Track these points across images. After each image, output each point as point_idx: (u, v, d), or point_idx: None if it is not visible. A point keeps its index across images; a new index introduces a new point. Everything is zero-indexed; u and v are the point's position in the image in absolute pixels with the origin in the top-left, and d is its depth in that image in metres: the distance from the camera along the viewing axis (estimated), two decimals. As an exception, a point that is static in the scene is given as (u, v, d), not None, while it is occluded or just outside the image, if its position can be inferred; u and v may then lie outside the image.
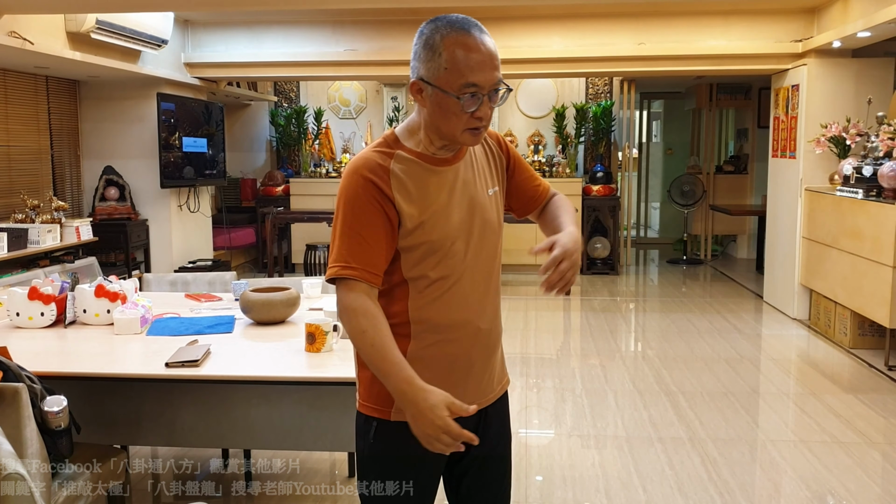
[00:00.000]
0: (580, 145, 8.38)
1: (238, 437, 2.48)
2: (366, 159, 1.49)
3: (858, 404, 4.05)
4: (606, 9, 6.08)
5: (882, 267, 4.58)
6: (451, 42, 1.42)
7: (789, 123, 6.07)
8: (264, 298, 2.72)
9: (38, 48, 4.65)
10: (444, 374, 1.53)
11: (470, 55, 1.42)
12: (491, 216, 1.58)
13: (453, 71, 1.42)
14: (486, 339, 1.58)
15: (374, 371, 1.45)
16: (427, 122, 1.50)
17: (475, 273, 1.54)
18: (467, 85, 1.42)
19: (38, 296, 2.73)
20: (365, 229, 1.45)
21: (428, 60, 1.44)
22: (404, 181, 1.48)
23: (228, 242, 7.71)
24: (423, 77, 1.46)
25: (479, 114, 1.45)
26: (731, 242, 9.53)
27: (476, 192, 1.56)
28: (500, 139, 1.69)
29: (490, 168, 1.63)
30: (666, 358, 4.96)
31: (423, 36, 1.47)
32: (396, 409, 1.51)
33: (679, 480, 3.13)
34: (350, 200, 1.47)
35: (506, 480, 1.71)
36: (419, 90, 1.48)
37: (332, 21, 6.41)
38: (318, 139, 8.60)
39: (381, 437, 1.56)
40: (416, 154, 1.51)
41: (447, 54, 1.42)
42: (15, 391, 1.93)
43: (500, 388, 1.67)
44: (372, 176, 1.47)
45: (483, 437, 1.60)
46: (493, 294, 1.61)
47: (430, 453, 1.53)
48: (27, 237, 5.02)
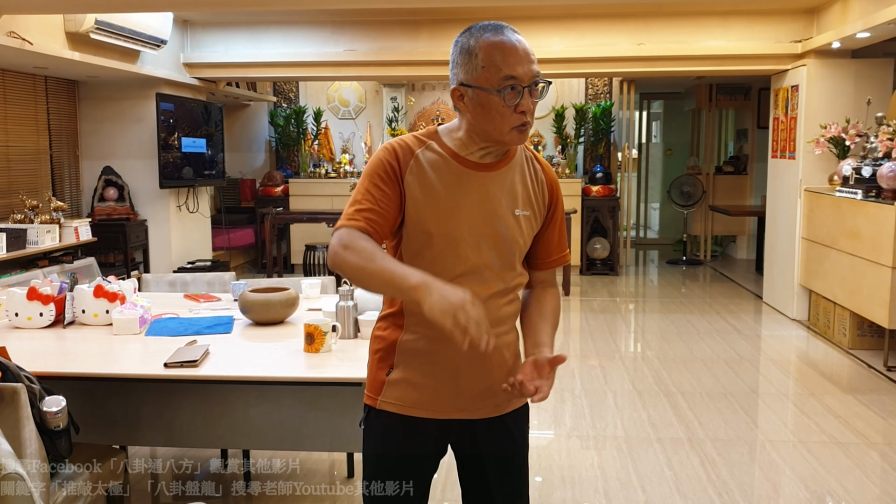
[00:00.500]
0: (580, 146, 8.38)
1: (237, 437, 2.48)
2: (400, 139, 1.55)
3: (857, 405, 4.05)
4: (606, 9, 6.08)
5: (881, 267, 4.58)
6: (486, 43, 1.46)
7: (789, 124, 6.07)
8: (263, 299, 2.72)
9: (37, 48, 4.65)
10: (431, 371, 1.54)
11: (505, 51, 1.45)
12: (510, 233, 1.54)
13: (490, 67, 1.45)
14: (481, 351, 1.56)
15: (381, 284, 1.39)
16: (470, 127, 1.51)
17: (478, 281, 1.52)
18: (506, 78, 1.44)
19: (36, 296, 2.72)
20: (377, 193, 1.49)
21: (465, 64, 1.47)
22: (424, 170, 1.51)
23: (227, 243, 7.71)
24: (462, 81, 1.48)
25: (522, 107, 1.46)
26: (730, 243, 9.53)
27: (499, 205, 1.53)
28: (555, 182, 1.66)
29: (531, 194, 1.59)
30: (665, 358, 4.96)
31: (459, 44, 1.50)
32: (384, 397, 1.56)
33: (678, 481, 3.13)
34: (371, 168, 1.52)
35: (519, 491, 1.67)
36: (460, 96, 1.50)
37: (332, 21, 6.41)
38: (317, 139, 8.60)
39: (369, 425, 1.60)
40: (449, 151, 1.53)
41: (483, 54, 1.45)
42: (14, 391, 1.93)
43: (507, 404, 1.61)
44: (398, 150, 1.52)
45: (484, 445, 1.60)
46: (500, 307, 1.56)
47: (414, 448, 1.56)
48: (26, 237, 5.02)
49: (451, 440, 1.62)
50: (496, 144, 1.52)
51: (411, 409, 1.55)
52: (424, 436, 1.57)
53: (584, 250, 8.08)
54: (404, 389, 1.55)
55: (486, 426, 1.60)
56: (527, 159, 1.62)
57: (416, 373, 1.54)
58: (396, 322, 1.56)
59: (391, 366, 1.56)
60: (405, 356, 1.55)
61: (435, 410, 1.56)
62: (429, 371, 1.54)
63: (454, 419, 1.57)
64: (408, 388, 1.55)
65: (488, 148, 1.53)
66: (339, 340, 2.45)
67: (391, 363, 1.56)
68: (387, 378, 1.56)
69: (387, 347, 1.57)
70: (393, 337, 1.56)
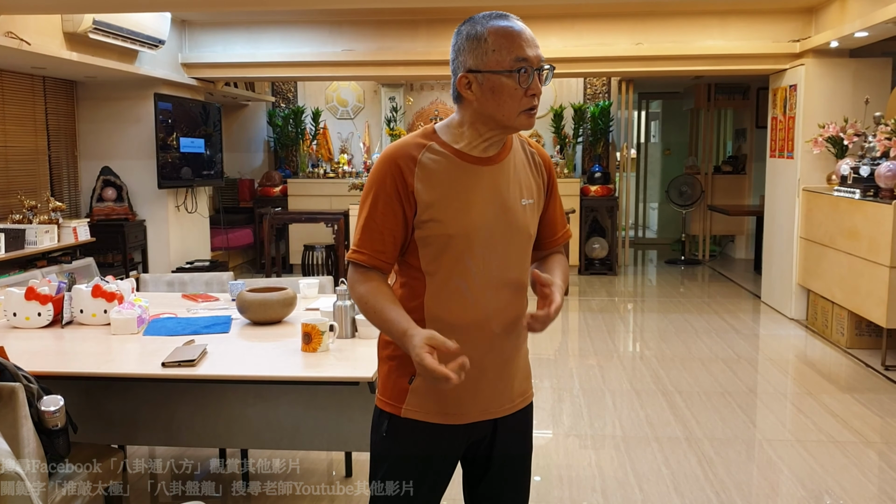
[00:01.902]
0: (578, 145, 8.38)
1: (234, 436, 2.48)
2: (398, 147, 1.54)
3: (855, 404, 4.05)
4: (604, 9, 6.08)
5: (879, 267, 4.58)
6: (494, 29, 1.47)
7: (787, 123, 6.08)
8: (261, 298, 2.72)
9: (35, 48, 4.65)
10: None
11: (514, 34, 1.47)
12: (520, 224, 1.56)
13: (502, 50, 1.45)
14: (501, 346, 1.56)
15: (383, 332, 1.54)
16: (476, 115, 1.50)
17: (496, 277, 1.53)
18: (518, 59, 1.45)
19: (35, 296, 2.73)
20: (380, 217, 1.51)
21: (474, 49, 1.47)
22: (431, 172, 1.50)
23: (226, 243, 7.71)
24: (471, 68, 1.48)
25: (533, 89, 1.47)
26: (729, 243, 9.54)
27: (508, 196, 1.54)
28: (549, 162, 1.68)
29: (532, 180, 1.61)
30: (663, 358, 4.96)
31: (463, 33, 1.50)
32: (408, 405, 1.55)
33: (675, 480, 3.13)
34: (374, 185, 1.52)
35: (523, 488, 1.69)
36: (468, 83, 1.49)
37: (330, 21, 6.42)
38: (315, 139, 8.60)
39: (392, 434, 1.57)
40: (450, 149, 1.53)
41: (493, 38, 1.46)
42: (12, 391, 1.93)
43: (520, 400, 1.64)
44: (399, 162, 1.51)
45: (498, 444, 1.62)
46: (516, 303, 1.58)
47: (438, 454, 1.56)
48: (24, 238, 5.02)
49: (472, 442, 1.62)
50: (502, 132, 1.52)
51: (437, 416, 1.55)
52: (450, 440, 1.58)
53: (582, 250, 8.08)
54: (429, 397, 1.54)
55: (505, 424, 1.61)
56: (522, 145, 1.64)
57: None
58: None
59: (413, 373, 1.54)
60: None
61: (460, 415, 1.56)
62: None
63: (478, 422, 1.58)
64: (432, 395, 1.54)
65: (492, 139, 1.53)
66: (336, 340, 2.45)
67: (412, 370, 1.52)
68: (409, 386, 1.55)
69: (405, 355, 1.52)
70: None
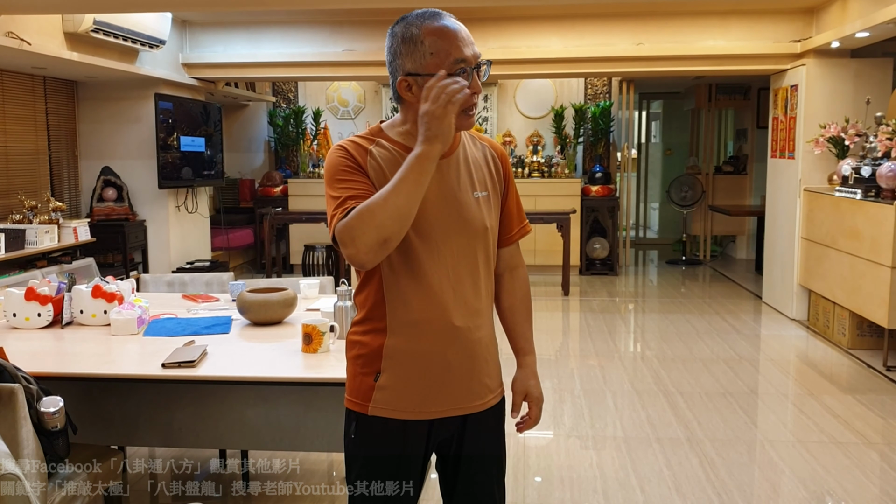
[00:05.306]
0: (579, 146, 8.37)
1: (234, 437, 2.48)
2: (348, 140, 1.55)
3: (856, 405, 4.05)
4: (605, 9, 6.08)
5: (880, 267, 4.57)
6: (428, 30, 1.46)
7: (788, 124, 6.07)
8: (261, 299, 2.72)
9: (36, 48, 4.65)
10: (421, 372, 1.54)
11: (450, 35, 1.46)
12: (474, 215, 1.56)
13: (440, 53, 1.45)
14: (464, 338, 1.55)
15: (402, 195, 1.39)
16: (417, 118, 1.49)
17: (451, 270, 1.53)
18: (458, 61, 1.45)
19: (34, 296, 2.72)
20: (350, 181, 1.48)
21: (410, 53, 1.47)
22: (380, 164, 1.51)
23: (226, 243, 7.71)
24: (409, 71, 1.48)
25: (474, 89, 1.47)
26: (730, 243, 9.53)
27: (458, 190, 1.55)
28: (504, 155, 1.69)
29: (486, 174, 1.62)
30: (664, 359, 4.95)
31: (398, 35, 1.49)
32: (374, 403, 1.54)
33: (677, 481, 3.13)
34: (332, 167, 1.51)
35: (498, 483, 1.69)
36: (408, 86, 1.49)
37: (331, 21, 6.41)
38: (316, 140, 8.59)
39: (361, 433, 1.58)
40: (398, 145, 1.53)
41: (429, 41, 1.45)
42: (11, 392, 1.93)
43: (491, 397, 1.64)
44: (350, 148, 1.51)
45: (467, 443, 1.61)
46: (476, 295, 1.58)
47: (407, 452, 1.56)
48: (25, 238, 5.02)
49: (441, 439, 1.61)
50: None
51: (404, 412, 1.54)
52: (418, 437, 1.57)
53: (583, 250, 8.08)
54: (395, 393, 1.54)
55: (474, 422, 1.61)
56: (471, 139, 1.64)
57: (407, 375, 1.53)
58: (377, 326, 1.54)
59: (378, 370, 1.54)
60: (393, 360, 1.53)
61: (428, 411, 1.56)
62: (419, 372, 1.54)
63: (446, 417, 1.58)
64: (398, 391, 1.54)
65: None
66: (336, 341, 2.44)
67: (377, 368, 1.54)
68: (375, 383, 1.55)
69: (370, 353, 1.55)
70: (377, 342, 1.54)
